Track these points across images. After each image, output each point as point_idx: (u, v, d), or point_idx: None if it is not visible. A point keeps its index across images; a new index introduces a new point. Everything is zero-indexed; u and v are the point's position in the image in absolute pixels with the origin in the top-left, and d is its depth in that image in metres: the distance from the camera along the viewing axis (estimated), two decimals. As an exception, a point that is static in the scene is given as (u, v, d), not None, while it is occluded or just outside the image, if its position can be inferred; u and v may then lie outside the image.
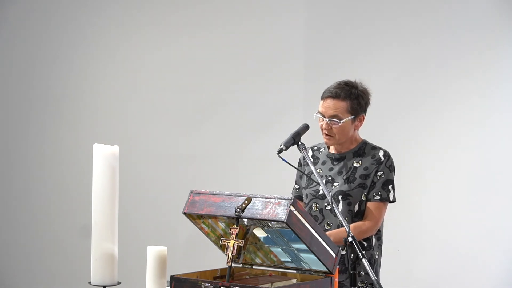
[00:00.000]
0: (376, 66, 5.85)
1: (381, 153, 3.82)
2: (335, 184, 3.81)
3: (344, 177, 3.80)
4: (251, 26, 6.13)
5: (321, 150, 3.95)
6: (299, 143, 3.60)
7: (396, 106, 5.87)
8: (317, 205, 3.83)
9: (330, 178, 3.83)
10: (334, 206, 3.35)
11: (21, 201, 6.19)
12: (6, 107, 6.20)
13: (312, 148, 3.97)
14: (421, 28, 5.84)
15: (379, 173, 3.78)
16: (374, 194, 3.77)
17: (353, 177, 3.80)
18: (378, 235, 3.85)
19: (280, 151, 3.52)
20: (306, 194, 3.89)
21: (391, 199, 3.80)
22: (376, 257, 3.83)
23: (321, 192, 3.82)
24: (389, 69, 5.87)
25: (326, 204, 3.81)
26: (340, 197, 3.78)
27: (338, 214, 3.32)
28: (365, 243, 3.77)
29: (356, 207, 3.79)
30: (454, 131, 5.79)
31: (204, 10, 6.17)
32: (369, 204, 3.78)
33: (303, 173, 3.89)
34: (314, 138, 3.87)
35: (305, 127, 3.67)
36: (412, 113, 5.87)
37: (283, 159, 3.49)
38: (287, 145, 3.57)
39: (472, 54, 5.75)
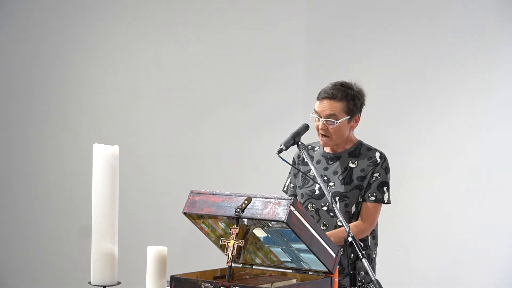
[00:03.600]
0: (375, 67, 5.85)
1: (377, 155, 3.83)
2: (331, 184, 3.81)
3: (340, 178, 3.81)
4: (252, 26, 6.13)
5: (316, 149, 3.95)
6: (299, 143, 3.60)
7: (394, 106, 5.87)
8: (313, 205, 3.83)
9: (325, 178, 3.84)
10: (334, 206, 3.35)
11: (21, 201, 6.19)
12: (6, 107, 6.20)
13: (306, 147, 3.96)
14: (420, 30, 5.85)
15: (375, 175, 3.79)
16: (369, 195, 3.78)
17: (350, 179, 3.80)
18: (373, 234, 3.86)
19: (280, 151, 3.53)
20: (302, 194, 3.89)
21: (385, 201, 3.81)
22: (374, 256, 3.84)
23: (317, 192, 3.83)
24: (387, 70, 5.88)
25: (322, 204, 3.81)
26: (337, 198, 3.78)
27: (338, 214, 3.32)
28: (361, 243, 3.77)
29: (353, 208, 3.79)
30: (452, 130, 5.80)
31: (204, 10, 6.17)
32: (364, 204, 3.79)
33: (300, 171, 3.89)
34: (314, 138, 3.88)
35: (305, 127, 3.68)
36: (410, 113, 5.87)
37: (283, 159, 3.49)
38: (287, 145, 3.57)
39: (470, 55, 5.76)
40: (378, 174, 3.79)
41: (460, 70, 5.78)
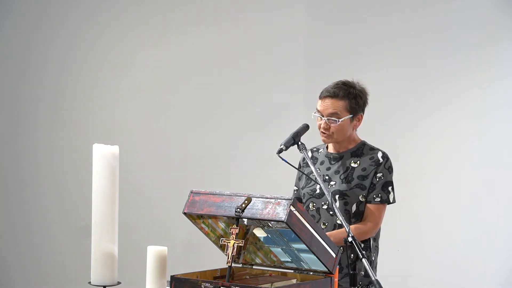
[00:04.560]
0: (376, 66, 5.85)
1: (379, 155, 3.83)
2: (332, 183, 3.82)
3: (342, 177, 3.81)
4: (252, 26, 6.13)
5: (320, 150, 3.96)
6: (299, 143, 3.60)
7: (396, 106, 5.87)
8: (314, 204, 3.84)
9: (327, 177, 3.84)
10: (334, 206, 3.35)
11: (21, 201, 6.19)
12: (6, 107, 6.20)
13: (311, 149, 3.98)
14: (421, 28, 5.84)
15: (378, 175, 3.79)
16: (374, 196, 3.78)
17: (351, 177, 3.80)
18: (375, 236, 3.85)
19: (280, 151, 3.53)
20: (304, 194, 3.90)
21: (391, 201, 3.81)
22: (373, 258, 3.83)
23: (318, 191, 3.83)
24: (389, 69, 5.87)
25: (322, 203, 3.82)
26: (337, 196, 3.78)
27: (338, 214, 3.31)
28: (362, 244, 3.76)
29: (354, 207, 3.79)
30: (454, 131, 5.79)
31: (204, 9, 6.17)
32: (369, 206, 3.79)
33: (303, 173, 3.90)
34: (314, 138, 3.87)
35: (305, 127, 3.67)
36: (412, 113, 5.87)
37: (283, 159, 3.49)
38: (287, 145, 3.57)
39: (472, 53, 5.75)
40: (382, 174, 3.79)
41: (464, 69, 5.77)
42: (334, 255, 3.13)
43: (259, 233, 3.25)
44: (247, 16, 6.14)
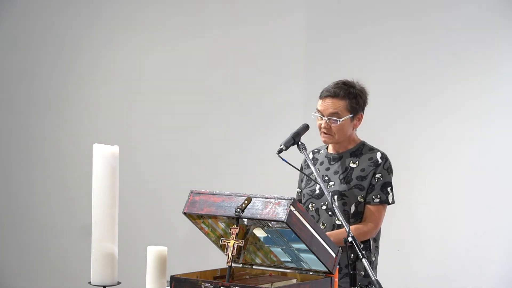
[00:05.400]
0: (376, 67, 5.85)
1: (378, 155, 3.82)
2: (331, 183, 3.82)
3: (341, 177, 3.81)
4: (252, 27, 6.13)
5: (320, 151, 3.96)
6: (299, 143, 3.60)
7: (395, 106, 5.87)
8: (314, 204, 3.84)
9: (326, 178, 3.84)
10: (334, 206, 3.35)
11: (21, 201, 6.19)
12: (7, 107, 6.20)
13: (312, 151, 3.98)
14: (421, 29, 5.85)
15: (377, 176, 3.78)
16: (373, 197, 3.77)
17: (350, 178, 3.80)
18: (375, 237, 3.85)
19: (280, 151, 3.53)
20: (304, 194, 3.90)
21: (390, 201, 3.80)
22: (373, 259, 3.82)
23: (317, 192, 3.83)
24: (388, 70, 5.88)
25: (322, 203, 3.82)
26: (335, 197, 3.78)
27: (338, 214, 3.31)
28: (362, 245, 3.76)
29: (353, 208, 3.79)
30: (453, 131, 5.80)
31: (205, 10, 6.17)
32: (369, 206, 3.78)
33: (305, 174, 3.89)
34: (314, 138, 3.88)
35: (305, 127, 3.67)
36: (412, 113, 5.88)
37: (283, 159, 3.49)
38: (287, 145, 3.57)
39: (471, 54, 5.76)
40: (380, 175, 3.78)
41: (461, 68, 5.78)
42: (334, 255, 3.13)
43: (259, 233, 3.25)
44: (247, 16, 6.14)
